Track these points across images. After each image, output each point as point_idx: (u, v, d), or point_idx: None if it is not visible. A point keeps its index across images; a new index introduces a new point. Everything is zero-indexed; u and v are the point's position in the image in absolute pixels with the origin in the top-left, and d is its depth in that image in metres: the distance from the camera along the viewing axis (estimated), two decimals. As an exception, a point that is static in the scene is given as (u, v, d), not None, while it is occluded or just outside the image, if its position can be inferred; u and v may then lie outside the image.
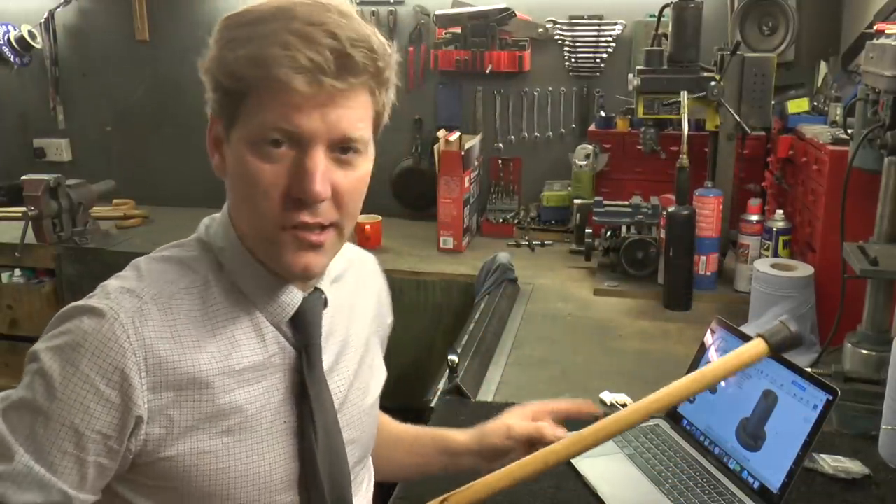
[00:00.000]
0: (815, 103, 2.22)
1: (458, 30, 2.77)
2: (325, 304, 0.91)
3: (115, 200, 2.99)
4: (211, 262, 0.87)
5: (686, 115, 2.04)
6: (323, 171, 0.79)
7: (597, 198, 2.28)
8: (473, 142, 2.66)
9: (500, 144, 2.89)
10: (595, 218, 2.22)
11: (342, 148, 0.80)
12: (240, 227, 0.86)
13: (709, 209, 2.02)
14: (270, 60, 0.75)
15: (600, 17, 2.74)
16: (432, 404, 1.49)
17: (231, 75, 0.79)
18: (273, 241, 0.81)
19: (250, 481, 0.84)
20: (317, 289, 0.90)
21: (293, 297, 0.87)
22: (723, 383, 1.33)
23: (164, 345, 0.80)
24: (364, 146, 0.83)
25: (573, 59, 2.78)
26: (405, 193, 2.97)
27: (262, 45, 0.76)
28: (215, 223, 0.91)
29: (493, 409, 1.21)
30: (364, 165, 0.84)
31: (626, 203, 2.19)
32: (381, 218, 2.63)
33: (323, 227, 0.82)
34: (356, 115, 0.80)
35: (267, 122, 0.77)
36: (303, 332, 0.88)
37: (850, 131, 1.68)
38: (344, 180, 0.81)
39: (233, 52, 0.78)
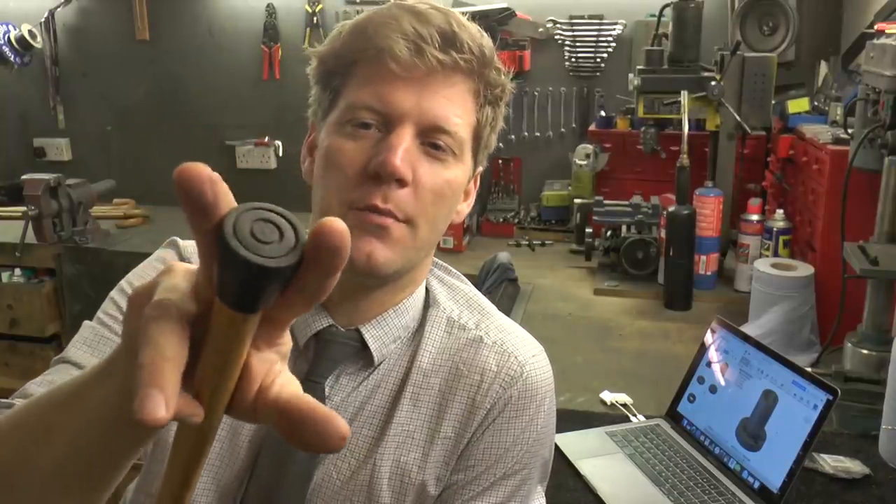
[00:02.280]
0: (816, 103, 2.22)
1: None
2: (370, 361, 0.82)
3: (115, 200, 2.99)
4: None
5: (686, 115, 2.04)
6: (406, 149, 0.73)
7: (597, 197, 2.28)
8: (473, 142, 2.65)
9: (501, 144, 2.89)
10: (595, 218, 2.22)
11: (433, 144, 0.76)
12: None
13: (709, 209, 2.02)
14: (374, 29, 0.74)
15: (600, 17, 2.74)
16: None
17: (334, 53, 0.78)
18: None
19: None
20: (357, 330, 0.82)
21: (320, 320, 0.81)
22: (723, 382, 1.33)
23: None
24: (458, 148, 0.77)
25: (573, 59, 2.78)
26: (405, 193, 2.97)
27: (368, 19, 0.76)
28: None
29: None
30: (455, 169, 0.78)
31: (627, 203, 2.19)
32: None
33: (394, 218, 0.75)
34: (453, 106, 0.76)
35: (358, 101, 0.75)
36: (312, 360, 0.82)
37: (850, 131, 1.68)
38: (429, 173, 0.75)
39: (339, 34, 0.79)
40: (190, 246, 0.88)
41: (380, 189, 0.73)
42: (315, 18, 2.91)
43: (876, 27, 1.63)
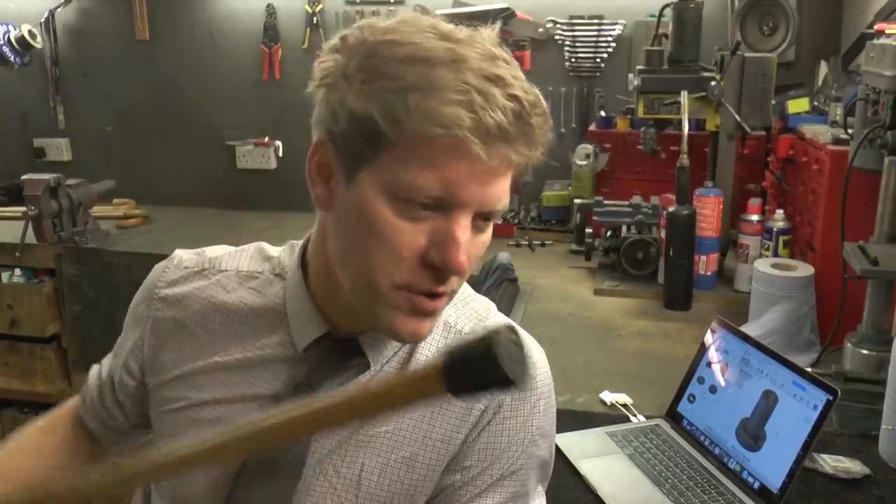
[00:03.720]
0: (816, 103, 2.22)
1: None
2: (365, 367, 0.83)
3: (115, 200, 2.98)
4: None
5: (686, 115, 2.04)
6: (466, 241, 0.72)
7: (597, 198, 2.28)
8: (473, 142, 2.65)
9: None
10: (595, 218, 2.22)
11: (483, 216, 0.74)
12: (326, 264, 0.80)
13: (709, 209, 2.02)
14: (452, 119, 0.66)
15: (600, 17, 2.74)
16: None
17: (395, 121, 0.68)
18: (384, 300, 0.74)
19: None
20: (355, 339, 0.83)
21: (318, 327, 0.82)
22: (723, 382, 1.33)
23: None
24: (500, 215, 0.77)
25: (573, 59, 2.78)
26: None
27: (439, 97, 0.67)
28: (296, 251, 0.88)
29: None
30: (489, 228, 0.77)
31: (626, 203, 2.19)
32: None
33: (445, 296, 0.76)
34: (506, 186, 0.74)
35: (425, 185, 0.69)
36: (310, 366, 0.83)
37: (850, 131, 1.68)
38: (475, 247, 0.75)
39: (400, 97, 0.68)
40: (179, 255, 0.94)
41: (439, 279, 0.73)
42: (315, 19, 2.91)
43: (876, 27, 1.63)
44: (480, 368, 0.51)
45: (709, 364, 1.37)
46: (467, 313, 0.89)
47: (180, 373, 0.88)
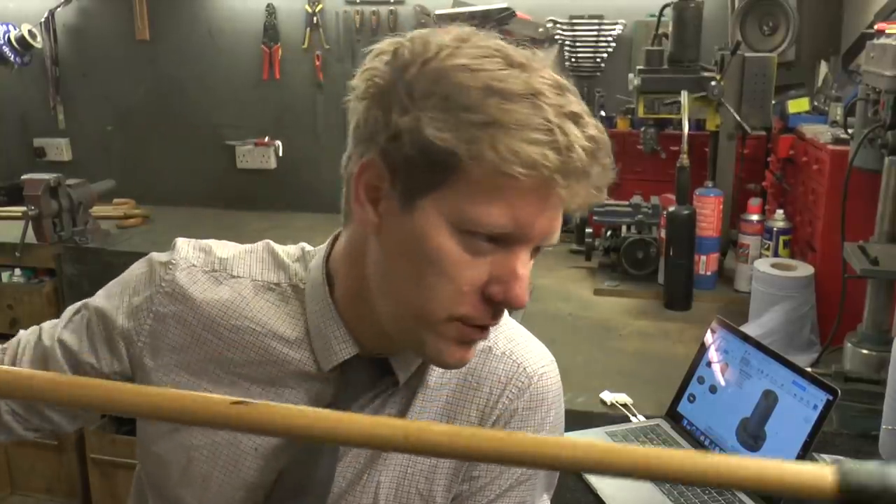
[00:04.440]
0: (816, 103, 2.22)
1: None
2: (391, 385, 0.82)
3: (115, 200, 2.99)
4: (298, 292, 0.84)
5: (686, 115, 2.04)
6: (526, 276, 0.72)
7: (597, 198, 2.27)
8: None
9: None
10: (595, 218, 2.22)
11: (538, 246, 0.73)
12: (359, 285, 0.77)
13: (709, 209, 2.02)
14: (540, 160, 0.64)
15: (600, 17, 2.74)
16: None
17: (477, 155, 0.65)
18: (435, 330, 0.72)
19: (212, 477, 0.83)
20: (385, 359, 0.81)
21: (347, 349, 0.80)
22: (723, 382, 1.33)
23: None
24: None
25: (573, 59, 2.78)
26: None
27: (524, 136, 0.65)
28: (314, 263, 0.84)
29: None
30: None
31: (626, 203, 2.19)
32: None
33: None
34: (561, 219, 0.73)
35: (495, 220, 0.67)
36: (336, 386, 0.81)
37: (850, 131, 1.68)
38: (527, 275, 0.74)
39: (484, 132, 0.65)
40: (184, 249, 0.88)
41: (496, 313, 0.72)
42: (315, 18, 2.91)
43: (876, 27, 1.63)
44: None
45: (709, 364, 1.37)
46: (495, 329, 0.86)
47: (187, 381, 0.84)
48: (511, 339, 0.87)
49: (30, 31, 3.04)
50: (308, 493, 0.80)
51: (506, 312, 0.88)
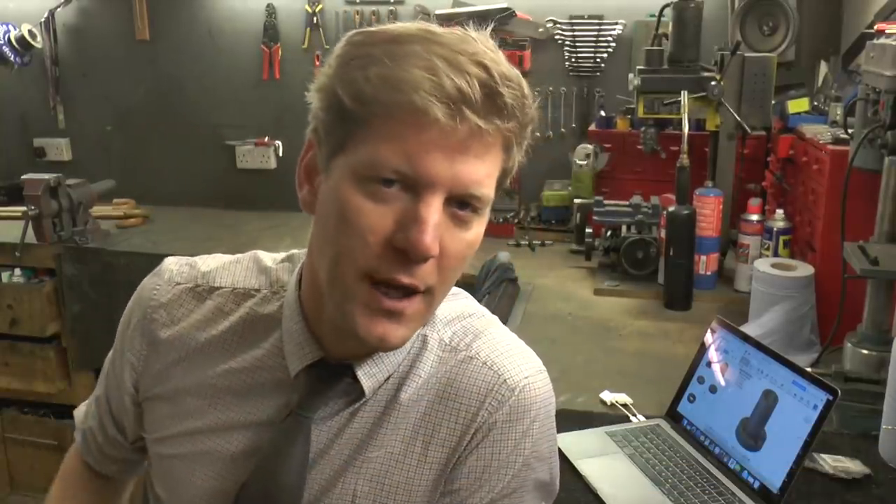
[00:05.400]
0: (816, 103, 2.22)
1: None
2: (359, 394, 0.79)
3: (115, 200, 2.98)
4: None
5: (686, 115, 2.04)
6: (436, 224, 0.67)
7: (597, 198, 2.28)
8: (473, 142, 2.65)
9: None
10: (595, 218, 2.22)
11: (460, 203, 0.69)
12: (313, 276, 0.76)
13: (709, 209, 2.02)
14: (411, 83, 0.64)
15: (600, 17, 2.74)
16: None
17: (357, 96, 0.67)
18: (350, 294, 0.70)
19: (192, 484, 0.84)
20: (350, 366, 0.78)
21: (312, 352, 0.78)
22: (723, 382, 1.33)
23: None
24: (484, 207, 0.71)
25: (573, 59, 2.78)
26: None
27: (402, 65, 0.65)
28: (297, 267, 0.84)
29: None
30: (478, 227, 0.72)
31: (627, 203, 2.19)
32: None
33: (409, 293, 0.70)
34: (485, 170, 0.69)
35: (385, 158, 0.66)
36: (302, 392, 0.79)
37: (850, 131, 1.68)
38: (454, 241, 0.70)
39: (363, 71, 0.66)
40: (169, 269, 0.90)
41: (405, 266, 0.68)
42: (315, 18, 2.91)
43: (876, 27, 1.63)
44: None
45: (709, 364, 1.37)
46: (463, 329, 0.84)
47: (171, 392, 0.85)
48: (494, 347, 0.83)
49: (30, 31, 3.04)
50: (276, 501, 0.78)
51: (494, 324, 0.86)
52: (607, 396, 1.50)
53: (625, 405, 1.48)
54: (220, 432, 0.82)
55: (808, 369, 1.25)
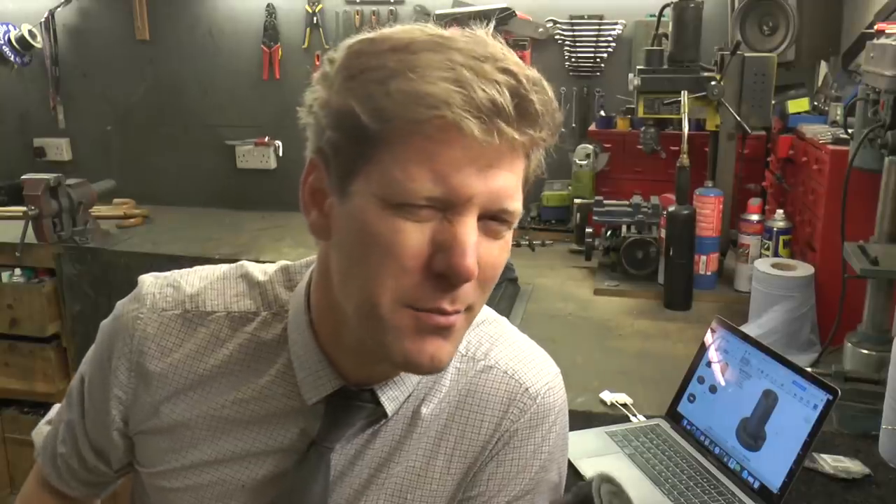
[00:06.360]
0: (816, 103, 2.22)
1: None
2: (381, 416, 0.77)
3: (115, 200, 2.99)
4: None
5: (686, 115, 2.04)
6: (476, 244, 0.64)
7: (597, 197, 2.28)
8: (473, 142, 2.65)
9: (501, 144, 2.89)
10: (595, 218, 2.22)
11: (492, 217, 0.66)
12: (331, 302, 0.72)
13: (709, 209, 2.02)
14: (439, 97, 0.59)
15: (600, 17, 2.74)
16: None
17: (377, 113, 0.61)
18: (389, 325, 0.65)
19: None
20: (372, 392, 0.76)
21: (331, 381, 0.75)
22: (723, 382, 1.33)
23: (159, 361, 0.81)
24: (515, 220, 0.68)
25: (573, 59, 2.78)
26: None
27: (425, 77, 0.60)
28: (298, 288, 0.79)
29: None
30: (508, 235, 0.69)
31: (627, 203, 2.19)
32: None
33: (458, 313, 0.67)
34: (515, 182, 0.66)
35: (416, 181, 0.61)
36: (323, 422, 0.77)
37: (850, 131, 1.68)
38: (489, 255, 0.66)
39: (381, 85, 0.61)
40: (151, 295, 0.82)
41: (447, 292, 0.65)
42: (315, 18, 2.91)
43: (876, 27, 1.63)
44: None
45: (709, 364, 1.37)
46: (479, 338, 0.82)
47: (170, 426, 0.81)
48: (513, 355, 0.82)
49: (30, 31, 3.04)
50: None
51: (507, 330, 0.85)
52: (607, 396, 1.50)
53: (625, 405, 1.48)
54: (230, 463, 0.79)
55: (808, 369, 1.25)
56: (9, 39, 3.07)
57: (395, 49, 0.63)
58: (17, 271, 2.64)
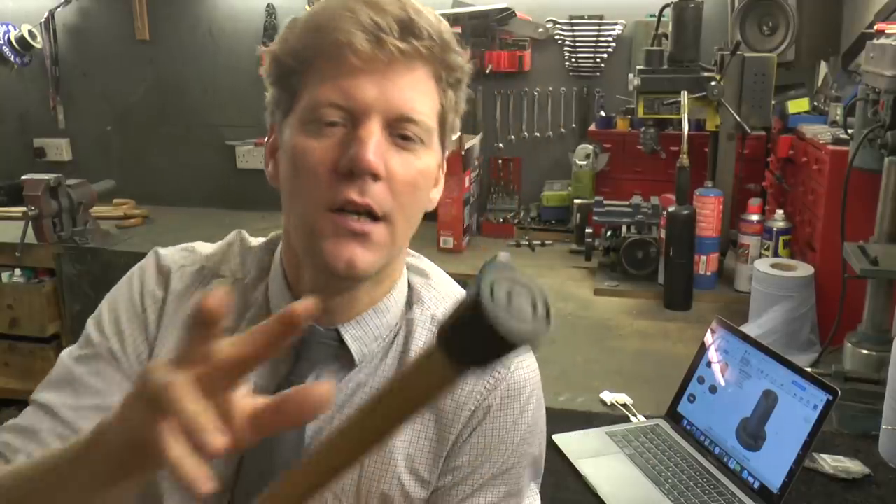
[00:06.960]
0: (816, 103, 2.22)
1: (458, 29, 2.77)
2: (350, 361, 0.81)
3: (115, 200, 2.99)
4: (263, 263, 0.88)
5: (686, 115, 2.04)
6: (377, 143, 0.72)
7: (597, 198, 2.28)
8: (473, 142, 2.66)
9: (500, 144, 2.89)
10: (595, 218, 2.22)
11: (402, 135, 0.74)
12: (288, 238, 0.82)
13: (709, 209, 2.02)
14: (331, 23, 0.72)
15: (600, 17, 2.74)
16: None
17: (290, 52, 0.75)
18: (315, 230, 0.74)
19: None
20: (336, 330, 0.81)
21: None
22: (723, 382, 1.33)
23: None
24: (426, 135, 0.76)
25: (573, 59, 2.78)
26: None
27: (324, 14, 0.73)
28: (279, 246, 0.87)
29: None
30: (426, 158, 0.77)
31: (626, 203, 2.19)
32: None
33: (372, 217, 0.73)
34: (417, 94, 0.74)
35: (321, 98, 0.73)
36: (292, 361, 0.80)
37: (850, 131, 1.68)
38: (401, 166, 0.74)
39: (293, 30, 0.76)
40: (170, 255, 0.88)
41: (354, 184, 0.72)
42: (315, 18, 2.91)
43: (876, 27, 1.63)
44: (477, 334, 0.39)
45: (709, 364, 1.37)
46: (442, 297, 0.88)
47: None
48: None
49: (30, 31, 3.04)
50: (276, 478, 0.78)
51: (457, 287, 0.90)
52: (607, 396, 1.50)
53: (625, 405, 1.48)
54: None
55: (808, 369, 1.25)
56: (9, 39, 3.07)
57: (310, 6, 0.77)
58: (17, 271, 2.65)
